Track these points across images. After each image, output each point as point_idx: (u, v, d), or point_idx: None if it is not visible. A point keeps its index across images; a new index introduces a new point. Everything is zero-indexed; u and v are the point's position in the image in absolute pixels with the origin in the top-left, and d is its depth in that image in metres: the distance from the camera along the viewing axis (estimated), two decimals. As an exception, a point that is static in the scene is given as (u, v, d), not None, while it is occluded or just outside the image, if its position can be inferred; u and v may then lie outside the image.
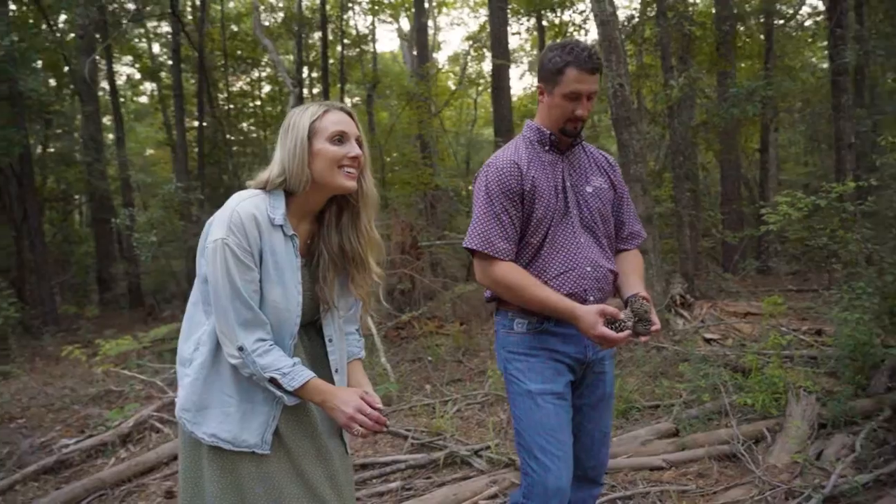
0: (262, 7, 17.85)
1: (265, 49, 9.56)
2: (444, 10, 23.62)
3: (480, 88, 20.76)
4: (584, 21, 13.76)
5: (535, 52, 19.16)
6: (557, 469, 1.81)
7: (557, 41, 1.97)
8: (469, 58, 20.71)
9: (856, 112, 8.77)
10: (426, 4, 17.31)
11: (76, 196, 16.85)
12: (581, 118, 1.91)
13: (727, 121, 7.31)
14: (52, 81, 14.45)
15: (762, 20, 11.49)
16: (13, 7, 13.95)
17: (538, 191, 1.90)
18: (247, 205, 1.58)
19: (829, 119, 10.36)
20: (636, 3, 8.67)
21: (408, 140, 17.75)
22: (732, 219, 10.57)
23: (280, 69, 9.03)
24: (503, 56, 12.84)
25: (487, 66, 17.50)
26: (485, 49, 17.70)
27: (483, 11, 19.48)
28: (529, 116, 2.14)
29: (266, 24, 17.23)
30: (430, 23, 25.36)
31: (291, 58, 17.38)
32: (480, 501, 3.14)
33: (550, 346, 1.91)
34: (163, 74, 17.47)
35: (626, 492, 3.12)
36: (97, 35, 11.37)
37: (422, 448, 3.91)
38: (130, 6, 13.39)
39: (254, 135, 19.10)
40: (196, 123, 15.03)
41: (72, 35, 13.44)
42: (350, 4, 18.09)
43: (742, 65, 13.15)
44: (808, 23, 13.07)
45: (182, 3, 15.18)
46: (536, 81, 1.98)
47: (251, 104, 18.93)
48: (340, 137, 1.64)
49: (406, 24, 22.49)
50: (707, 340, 5.57)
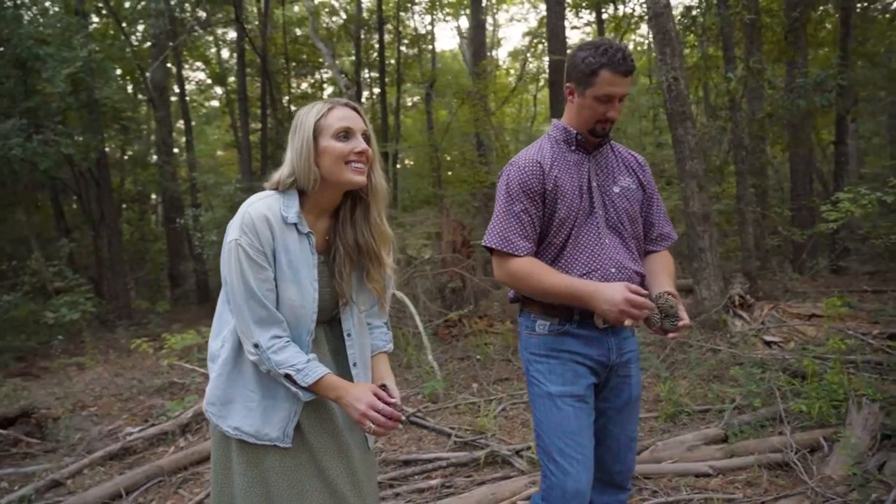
0: (326, 10, 18.30)
1: (321, 53, 9.74)
2: (504, 7, 23.49)
3: (540, 84, 20.56)
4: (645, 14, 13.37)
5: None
6: (576, 472, 1.78)
7: (589, 40, 1.93)
8: (528, 54, 20.54)
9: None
10: (483, 2, 17.25)
11: (152, 196, 17.79)
12: (612, 120, 1.88)
13: (793, 113, 6.96)
14: (130, 88, 15.32)
15: (838, 4, 10.85)
16: (95, 19, 14.87)
17: (561, 190, 1.88)
18: (258, 206, 1.63)
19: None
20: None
21: (465, 138, 17.78)
22: (803, 215, 10.05)
23: (335, 72, 9.22)
24: (560, 51, 12.65)
25: (547, 62, 17.31)
26: (543, 44, 17.49)
27: (542, 7, 19.26)
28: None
29: (328, 27, 17.67)
30: (489, 20, 25.32)
31: (352, 59, 17.74)
32: (519, 502, 3.13)
33: (572, 349, 1.89)
34: (231, 79, 18.19)
35: (669, 498, 3.04)
36: (169, 43, 11.94)
37: (464, 446, 3.93)
38: (201, 14, 14.03)
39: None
40: (260, 125, 15.56)
41: (146, 44, 14.20)
42: (409, 4, 18.27)
43: (820, 52, 12.45)
44: (896, 6, 12.22)
45: (248, 13, 15.75)
46: (566, 81, 1.95)
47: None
48: (346, 133, 1.66)
49: (466, 23, 22.50)
50: (767, 343, 5.34)
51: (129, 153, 16.20)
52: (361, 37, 16.42)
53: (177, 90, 15.50)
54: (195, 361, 6.31)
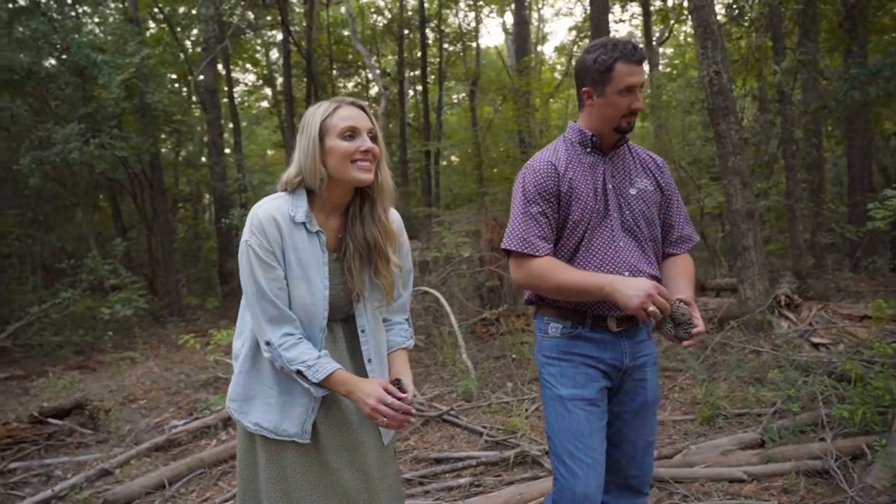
0: (372, 10, 18.51)
1: (361, 54, 9.87)
2: (549, 2, 23.25)
3: (585, 80, 20.23)
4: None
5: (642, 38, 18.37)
6: (586, 476, 1.78)
7: (594, 42, 1.92)
8: (574, 49, 20.26)
9: None
10: (527, -1, 17.13)
11: (206, 196, 18.41)
12: (637, 111, 1.87)
13: (847, 105, 6.66)
14: (185, 90, 15.87)
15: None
16: (152, 25, 15.47)
17: (575, 192, 1.87)
18: (267, 207, 1.68)
19: None
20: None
21: (509, 136, 17.68)
22: (860, 211, 9.61)
23: (372, 73, 9.32)
24: (604, 45, 12.46)
25: (591, 57, 17.03)
26: (588, 39, 17.23)
27: (587, 1, 18.97)
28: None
29: (374, 26, 17.86)
30: (535, 15, 25.10)
31: (396, 57, 17.90)
32: (546, 503, 3.13)
33: (584, 352, 1.88)
34: (279, 80, 18.61)
35: (700, 503, 2.98)
36: (217, 46, 12.32)
37: (496, 446, 3.93)
38: (251, 15, 14.39)
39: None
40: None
41: (197, 48, 14.67)
42: (452, 3, 18.30)
43: (885, 37, 11.83)
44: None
45: (296, 14, 16.08)
46: (580, 87, 1.93)
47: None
48: (351, 132, 1.68)
49: (511, 19, 22.39)
50: (815, 345, 5.15)
51: (183, 154, 16.80)
52: (405, 35, 16.53)
53: (227, 92, 15.96)
54: (239, 357, 6.48)
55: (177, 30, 14.48)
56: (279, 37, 17.95)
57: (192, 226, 17.00)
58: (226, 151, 15.80)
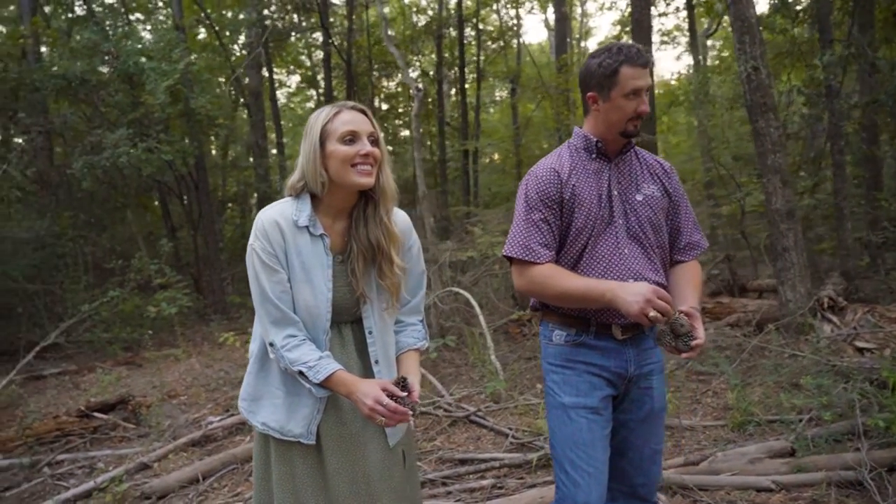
0: (413, 9, 18.62)
1: (397, 56, 9.96)
2: (592, -4, 22.92)
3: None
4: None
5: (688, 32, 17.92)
6: (587, 485, 1.76)
7: (598, 48, 1.91)
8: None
9: None
10: (568, -6, 16.94)
11: (254, 195, 18.84)
12: (643, 114, 1.85)
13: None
14: (232, 92, 16.31)
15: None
16: (203, 31, 15.94)
17: (578, 199, 1.86)
18: (270, 212, 1.72)
19: None
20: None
21: (549, 133, 17.53)
22: (916, 209, 9.16)
23: (405, 75, 9.39)
24: (645, 40, 12.18)
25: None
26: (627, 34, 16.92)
27: (630, -6, 18.63)
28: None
29: (416, 25, 17.96)
30: (578, 10, 24.79)
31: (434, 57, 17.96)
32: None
33: (588, 360, 1.86)
34: (322, 82, 18.92)
35: (724, 512, 2.92)
36: (255, 50, 12.62)
37: (521, 448, 3.93)
38: (294, 18, 14.68)
39: (404, 133, 20.04)
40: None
41: (244, 52, 15.05)
42: (491, 0, 18.25)
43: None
44: None
45: (338, 18, 16.31)
46: (585, 92, 1.92)
47: (401, 105, 19.85)
48: (351, 137, 1.70)
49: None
50: (859, 350, 4.96)
51: (232, 155, 17.26)
52: (444, 34, 16.56)
53: (270, 94, 16.31)
54: (275, 355, 6.64)
55: (225, 34, 14.87)
56: (321, 39, 18.29)
57: (240, 225, 17.44)
58: (272, 153, 16.16)
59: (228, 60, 12.86)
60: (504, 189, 16.32)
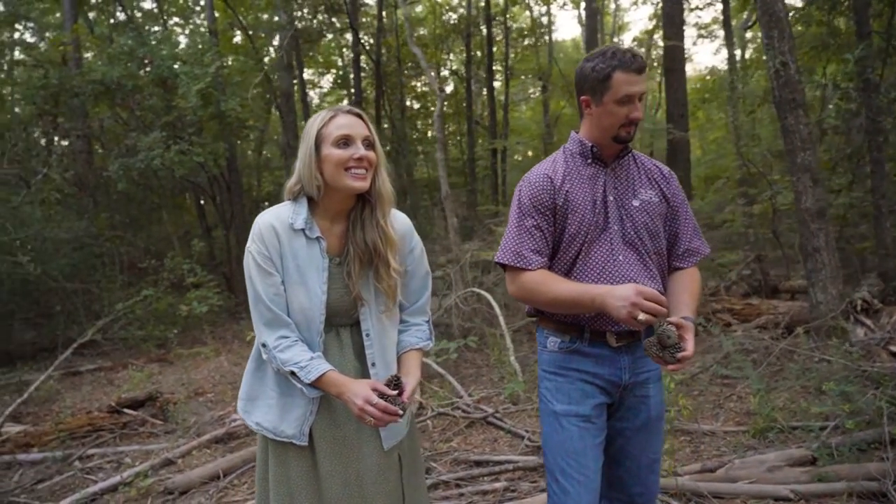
0: (446, 7, 18.64)
1: (420, 57, 10.00)
2: (627, -10, 22.59)
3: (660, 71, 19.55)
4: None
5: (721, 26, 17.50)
6: (577, 493, 1.75)
7: (594, 51, 1.88)
8: (652, 39, 19.58)
9: None
10: (599, -11, 16.72)
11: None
12: (636, 121, 1.82)
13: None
14: (267, 95, 16.59)
15: None
16: (239, 35, 16.24)
17: (572, 205, 1.84)
18: (267, 216, 1.76)
19: None
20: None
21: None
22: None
23: (428, 76, 9.39)
24: (676, 36, 11.97)
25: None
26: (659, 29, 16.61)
27: (663, -12, 18.27)
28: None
29: (446, 23, 17.98)
30: (612, 5, 24.44)
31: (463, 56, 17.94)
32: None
33: (581, 367, 1.84)
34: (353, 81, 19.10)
35: (739, 521, 2.86)
36: (282, 51, 12.83)
37: (536, 451, 3.91)
38: (324, 18, 14.86)
39: (433, 132, 20.11)
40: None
41: (275, 55, 15.28)
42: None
43: None
44: None
45: (369, 18, 16.44)
46: (579, 96, 1.90)
47: (431, 105, 19.90)
48: (346, 141, 1.73)
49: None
50: (893, 354, 4.78)
51: (267, 155, 17.56)
52: (472, 33, 16.53)
53: (300, 95, 16.52)
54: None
55: (260, 35, 15.12)
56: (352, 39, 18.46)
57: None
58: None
59: (261, 62, 13.09)
60: (534, 187, 16.20)
